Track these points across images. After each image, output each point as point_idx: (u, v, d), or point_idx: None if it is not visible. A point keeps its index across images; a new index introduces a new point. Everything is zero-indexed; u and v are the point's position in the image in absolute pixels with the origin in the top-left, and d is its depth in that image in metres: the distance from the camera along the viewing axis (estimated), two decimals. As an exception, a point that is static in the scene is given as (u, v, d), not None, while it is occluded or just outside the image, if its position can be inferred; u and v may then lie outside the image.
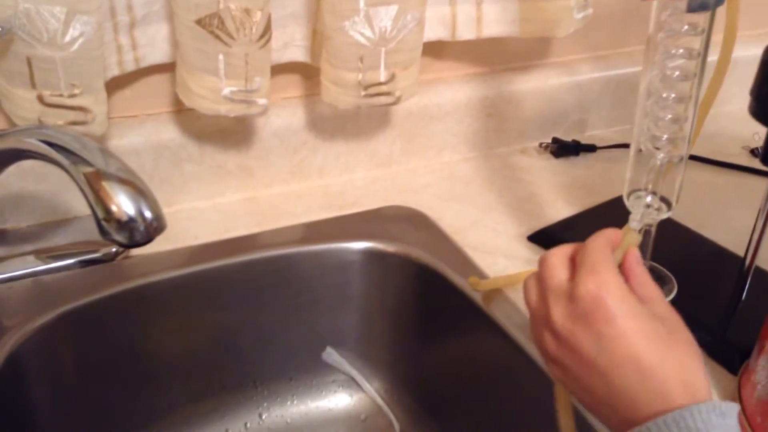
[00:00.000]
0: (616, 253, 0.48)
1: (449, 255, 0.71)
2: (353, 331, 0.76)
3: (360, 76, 0.66)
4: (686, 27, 0.47)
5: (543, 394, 0.61)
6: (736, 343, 0.61)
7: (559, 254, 0.47)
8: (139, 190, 0.41)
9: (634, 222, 0.53)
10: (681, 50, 0.48)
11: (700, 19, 0.47)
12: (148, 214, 0.42)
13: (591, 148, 0.91)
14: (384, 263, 0.72)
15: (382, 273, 0.73)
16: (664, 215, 0.53)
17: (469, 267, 0.70)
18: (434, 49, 0.84)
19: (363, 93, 0.67)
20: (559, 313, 0.44)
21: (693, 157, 0.91)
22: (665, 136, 0.51)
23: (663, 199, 0.54)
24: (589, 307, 0.42)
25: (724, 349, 0.62)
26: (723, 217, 0.81)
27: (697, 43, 0.48)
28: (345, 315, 0.75)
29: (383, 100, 0.69)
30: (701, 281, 0.70)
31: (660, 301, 0.45)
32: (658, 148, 0.52)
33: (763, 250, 0.66)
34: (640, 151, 0.53)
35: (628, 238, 0.50)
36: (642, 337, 0.41)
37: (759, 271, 0.66)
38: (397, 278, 0.72)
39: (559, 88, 0.90)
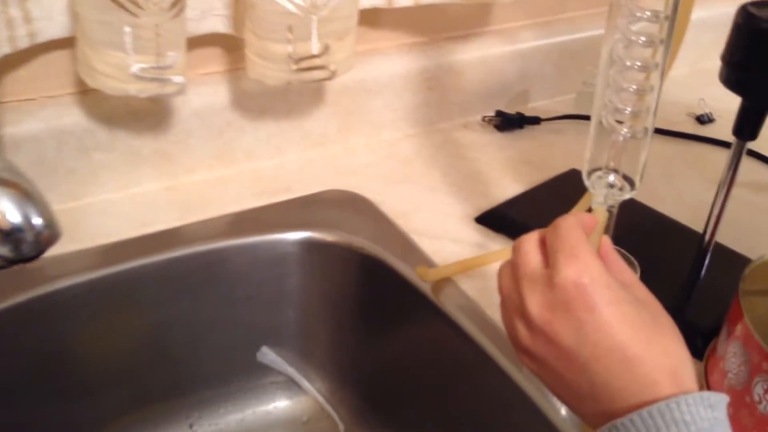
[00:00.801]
0: (592, 236, 0.43)
1: (394, 242, 0.66)
2: (291, 328, 0.70)
3: (290, 48, 0.59)
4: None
5: (496, 385, 0.57)
6: (697, 323, 0.59)
7: (535, 240, 0.43)
8: (25, 193, 0.34)
9: (597, 204, 0.48)
10: (647, 13, 0.43)
11: (667, -22, 0.42)
12: (37, 221, 0.34)
13: (535, 121, 0.86)
14: (324, 254, 0.66)
15: (321, 265, 0.67)
16: (628, 195, 0.49)
17: (415, 254, 0.65)
18: (369, 18, 0.77)
19: (294, 67, 0.60)
20: (535, 301, 0.40)
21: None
22: (629, 109, 0.46)
23: (625, 178, 0.49)
24: (569, 294, 0.38)
25: (685, 330, 0.58)
26: (673, 189, 0.78)
27: (662, 4, 0.43)
28: (282, 311, 0.69)
29: (317, 74, 0.62)
30: (656, 258, 0.66)
31: (639, 285, 0.41)
32: (620, 122, 0.47)
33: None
34: (601, 125, 0.48)
35: (600, 211, 0.46)
36: (627, 325, 0.37)
37: (718, 246, 0.63)
38: (339, 270, 0.67)
39: (501, 57, 0.85)
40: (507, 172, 0.78)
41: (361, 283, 0.66)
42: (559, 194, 0.73)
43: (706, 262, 0.62)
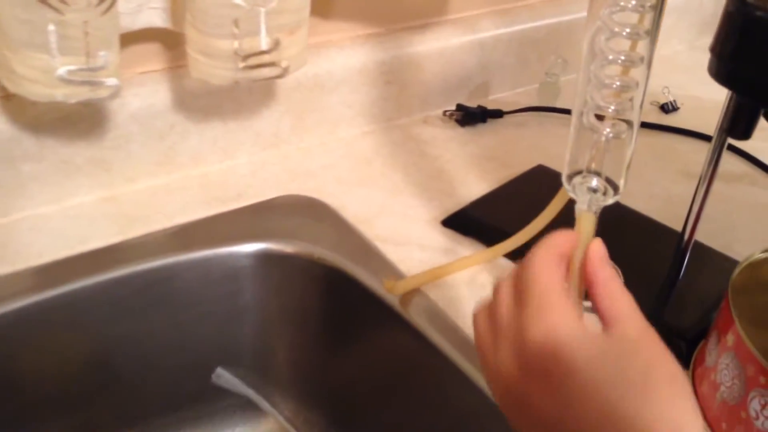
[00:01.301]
0: (575, 253, 0.39)
1: (357, 251, 0.61)
2: (248, 346, 0.65)
3: (236, 44, 0.53)
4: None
5: (468, 399, 0.53)
6: (680, 328, 0.56)
7: (512, 281, 0.38)
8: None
9: (581, 211, 0.44)
10: (633, 2, 0.39)
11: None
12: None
13: (498, 114, 0.83)
14: (281, 267, 0.61)
15: (279, 278, 0.62)
16: (611, 200, 0.45)
17: (380, 264, 0.60)
18: (321, 8, 0.72)
19: (241, 65, 0.55)
20: (509, 361, 0.35)
21: (597, 116, 0.85)
22: (612, 107, 0.43)
23: (608, 181, 0.46)
24: (542, 356, 0.33)
25: (668, 334, 0.55)
26: (641, 183, 0.75)
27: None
28: (237, 330, 0.63)
29: (267, 72, 0.56)
30: (631, 259, 0.63)
31: (630, 318, 0.35)
32: (602, 119, 0.44)
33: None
34: (582, 124, 0.44)
35: (584, 225, 0.41)
36: (613, 387, 0.32)
37: (696, 244, 0.60)
38: (298, 283, 0.62)
39: (461, 48, 0.81)
40: (472, 170, 0.74)
41: (324, 297, 0.62)
42: (527, 192, 0.70)
43: (685, 261, 0.59)
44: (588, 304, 0.38)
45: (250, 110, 0.70)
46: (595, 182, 0.45)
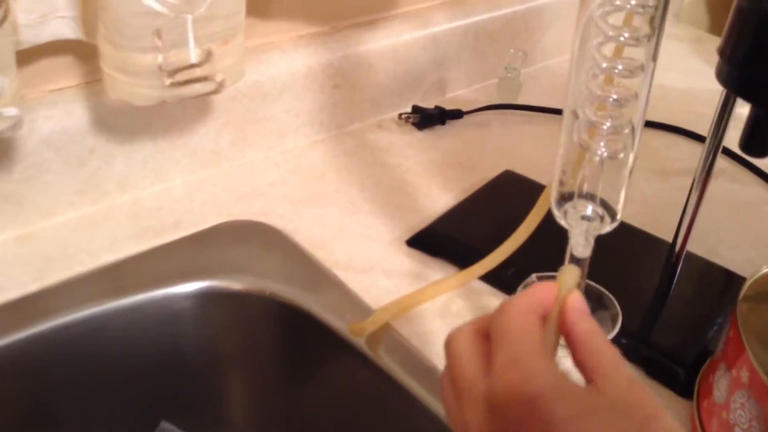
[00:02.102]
0: (554, 310, 0.33)
1: (315, 283, 0.54)
2: (196, 395, 0.57)
3: (160, 58, 0.45)
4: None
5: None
6: (677, 353, 0.50)
7: (468, 336, 0.33)
8: None
9: (579, 247, 0.38)
10: (632, 1, 0.33)
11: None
12: None
13: (457, 114, 0.76)
14: (228, 306, 0.54)
15: (226, 319, 0.54)
16: (608, 227, 0.39)
17: (341, 296, 0.53)
18: (258, 7, 0.64)
19: (168, 81, 0.47)
20: (478, 425, 0.30)
21: (548, 110, 0.80)
22: (607, 124, 0.37)
23: (603, 204, 0.40)
24: (516, 413, 0.29)
25: (657, 358, 0.50)
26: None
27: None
28: (182, 378, 0.56)
29: (199, 88, 0.49)
30: (614, 272, 0.58)
31: (617, 370, 0.30)
32: (594, 126, 0.37)
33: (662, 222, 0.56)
34: (573, 141, 0.38)
35: (565, 279, 0.35)
36: None
37: (687, 255, 0.55)
38: (249, 324, 0.54)
39: (414, 44, 0.74)
40: (434, 179, 0.68)
41: (279, 338, 0.54)
42: (497, 202, 0.64)
43: (677, 275, 0.54)
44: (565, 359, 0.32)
45: (183, 126, 0.61)
46: (590, 210, 0.39)
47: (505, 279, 0.56)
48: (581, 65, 0.36)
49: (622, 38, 0.34)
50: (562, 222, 0.40)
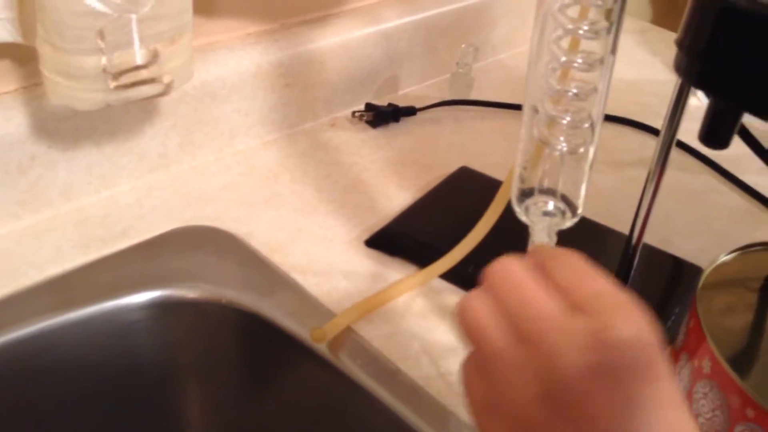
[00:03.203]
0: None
1: (273, 288, 0.53)
2: (152, 410, 0.55)
3: (103, 60, 0.43)
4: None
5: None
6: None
7: (526, 269, 0.31)
8: None
9: (539, 240, 0.38)
10: None
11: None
12: None
13: (411, 111, 0.76)
14: (183, 316, 0.52)
15: (182, 330, 0.52)
16: (570, 222, 0.39)
17: (301, 301, 0.52)
18: (204, 4, 0.62)
19: (113, 84, 0.45)
20: (575, 357, 0.28)
21: (501, 105, 0.80)
22: (567, 118, 0.36)
23: (564, 199, 0.40)
24: (632, 358, 0.27)
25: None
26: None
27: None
28: (137, 393, 0.54)
29: (146, 90, 0.47)
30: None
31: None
32: (554, 121, 0.37)
33: (620, 215, 0.57)
34: (532, 136, 0.38)
35: None
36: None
37: (645, 247, 0.55)
38: (206, 333, 0.53)
39: (365, 40, 0.73)
40: (391, 177, 0.67)
41: (238, 347, 0.53)
42: (454, 199, 0.63)
43: (633, 267, 0.55)
44: None
45: (129, 129, 0.59)
46: (551, 205, 0.38)
47: (466, 276, 0.55)
48: (540, 59, 0.36)
49: (581, 31, 0.34)
50: (524, 218, 0.39)
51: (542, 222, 0.38)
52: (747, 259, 0.48)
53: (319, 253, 0.57)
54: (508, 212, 0.41)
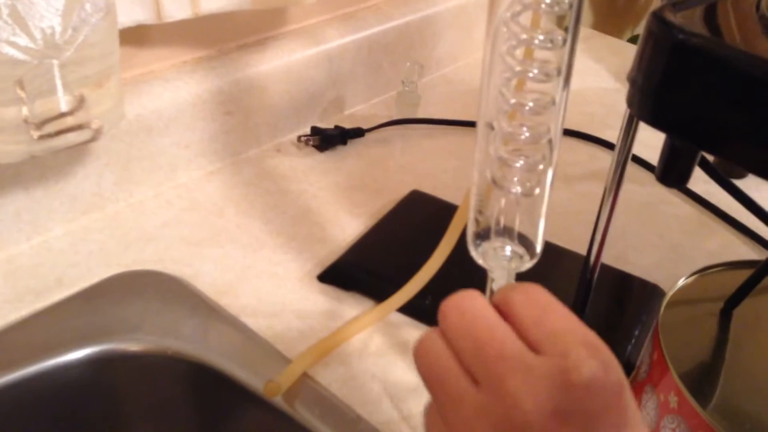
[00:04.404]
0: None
1: (222, 335, 0.50)
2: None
3: (24, 110, 0.40)
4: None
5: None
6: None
7: (488, 306, 0.30)
8: None
9: (499, 284, 0.36)
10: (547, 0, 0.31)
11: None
12: None
13: (358, 133, 0.74)
14: (127, 370, 0.49)
15: (127, 384, 0.49)
16: (528, 264, 0.38)
17: (253, 347, 0.50)
18: (134, 35, 0.59)
19: (36, 134, 0.41)
20: (535, 399, 0.26)
21: (448, 122, 0.78)
22: (521, 162, 0.35)
23: (521, 238, 0.38)
24: (598, 400, 0.26)
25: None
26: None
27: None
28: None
29: (74, 138, 0.43)
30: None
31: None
32: (512, 137, 0.35)
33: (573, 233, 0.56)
34: (485, 176, 0.36)
35: None
36: None
37: (603, 267, 0.54)
38: (153, 387, 0.50)
39: (307, 62, 0.71)
40: (341, 204, 0.65)
41: (188, 400, 0.50)
42: (407, 226, 0.62)
43: (592, 288, 0.54)
44: None
45: (59, 171, 0.55)
46: (508, 250, 0.37)
47: (424, 309, 0.53)
48: (493, 73, 0.33)
49: (536, 41, 0.32)
50: (481, 262, 0.38)
51: (501, 267, 0.37)
52: (705, 282, 0.48)
53: (270, 292, 0.55)
54: (463, 238, 0.40)
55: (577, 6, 0.31)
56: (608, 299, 0.57)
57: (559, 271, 0.59)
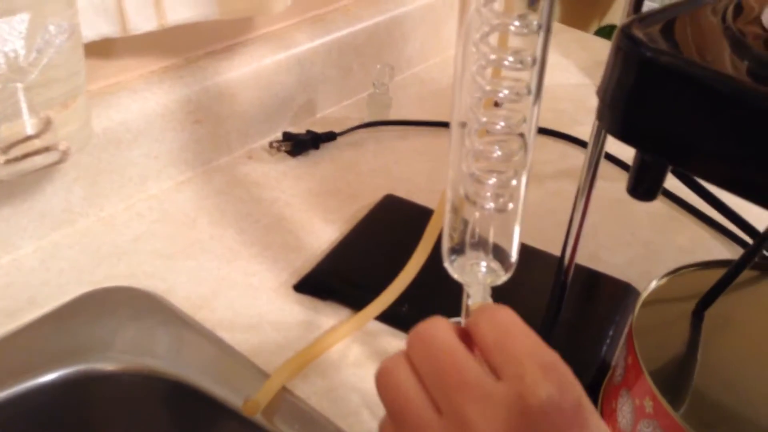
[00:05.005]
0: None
1: (198, 351, 0.50)
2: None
3: (-12, 134, 0.39)
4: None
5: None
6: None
7: (451, 332, 0.30)
8: None
9: (478, 299, 0.37)
10: (516, 23, 0.31)
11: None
12: None
13: (330, 137, 0.73)
14: (103, 391, 0.48)
15: (103, 405, 0.49)
16: (504, 278, 0.38)
17: (231, 363, 0.49)
18: (98, 47, 0.57)
19: (2, 159, 0.40)
20: (492, 428, 0.27)
21: (420, 123, 0.78)
22: (493, 179, 0.35)
23: (496, 250, 0.38)
24: (556, 421, 0.27)
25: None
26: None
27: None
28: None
29: (41, 160, 0.43)
30: (501, 294, 0.57)
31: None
32: (485, 150, 0.35)
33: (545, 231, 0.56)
34: (459, 193, 0.36)
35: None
36: None
37: (576, 268, 0.54)
38: (129, 407, 0.49)
39: (277, 68, 0.70)
40: (315, 211, 0.65)
41: (165, 419, 0.50)
42: (382, 232, 0.62)
43: (567, 289, 0.54)
44: None
45: (26, 189, 0.54)
46: (483, 266, 0.37)
47: (401, 316, 0.54)
48: (466, 69, 0.33)
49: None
50: (456, 277, 0.38)
51: (477, 283, 0.37)
52: (678, 283, 0.49)
53: (246, 305, 0.54)
54: (440, 245, 0.40)
55: (547, 23, 0.32)
56: (582, 299, 0.57)
57: (532, 273, 0.59)
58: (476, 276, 0.37)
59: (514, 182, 0.35)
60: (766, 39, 0.33)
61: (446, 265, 0.38)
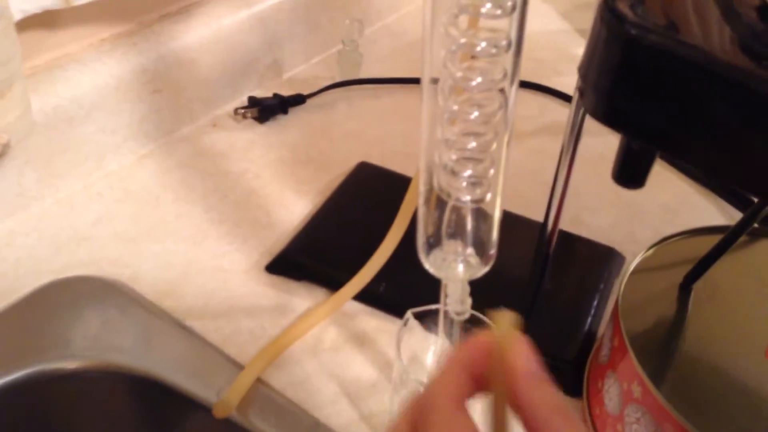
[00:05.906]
0: (494, 373, 0.27)
1: (167, 343, 0.47)
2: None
3: None
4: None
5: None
6: (557, 349, 0.49)
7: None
8: None
9: (457, 304, 0.34)
10: (488, 5, 0.28)
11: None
12: None
13: (299, 99, 0.69)
14: (65, 390, 0.46)
15: (66, 405, 0.47)
16: (483, 271, 0.36)
17: (202, 355, 0.47)
18: (44, 18, 0.53)
19: (-70, 159, 0.37)
20: None
21: (379, 80, 0.74)
22: (468, 172, 0.32)
23: (474, 242, 0.36)
24: None
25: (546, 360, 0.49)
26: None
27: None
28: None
29: (-24, 156, 0.39)
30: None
31: None
32: (454, 172, 0.33)
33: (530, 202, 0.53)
34: (433, 190, 0.33)
35: (502, 329, 0.27)
36: None
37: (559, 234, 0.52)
38: (94, 406, 0.47)
39: (238, 27, 0.66)
40: (286, 182, 0.61)
41: (133, 417, 0.48)
42: (356, 205, 0.59)
43: (549, 258, 0.52)
44: None
45: (-28, 175, 0.51)
46: (461, 260, 0.34)
47: (378, 295, 0.51)
48: (436, 18, 0.29)
49: (480, 46, 0.28)
50: (433, 271, 0.35)
51: (455, 279, 0.34)
52: (665, 253, 0.47)
53: (216, 289, 0.52)
54: (415, 217, 0.37)
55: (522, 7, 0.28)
56: (565, 268, 0.55)
57: (512, 241, 0.57)
58: (454, 272, 0.34)
59: (492, 171, 0.32)
60: (759, 7, 0.30)
61: (422, 260, 0.36)
